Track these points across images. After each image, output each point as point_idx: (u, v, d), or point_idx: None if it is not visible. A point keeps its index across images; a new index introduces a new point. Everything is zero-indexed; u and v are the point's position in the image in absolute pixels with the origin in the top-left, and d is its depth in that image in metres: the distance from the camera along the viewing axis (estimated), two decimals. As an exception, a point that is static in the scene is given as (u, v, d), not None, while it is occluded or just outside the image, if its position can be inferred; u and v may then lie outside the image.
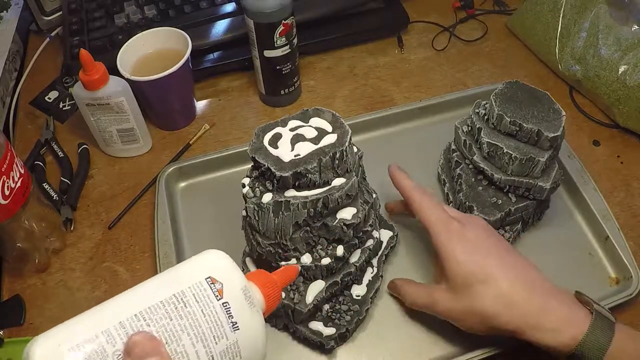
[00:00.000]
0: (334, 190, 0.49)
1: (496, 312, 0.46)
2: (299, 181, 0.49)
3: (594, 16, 0.73)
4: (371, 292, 0.56)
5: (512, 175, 0.58)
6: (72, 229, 0.66)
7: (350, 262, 0.54)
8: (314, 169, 0.48)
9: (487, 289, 0.47)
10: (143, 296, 0.33)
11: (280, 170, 0.48)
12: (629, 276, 0.58)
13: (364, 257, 0.54)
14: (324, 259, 0.51)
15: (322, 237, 0.51)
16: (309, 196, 0.49)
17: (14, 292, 0.61)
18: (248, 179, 0.52)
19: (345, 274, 0.54)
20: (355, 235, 0.52)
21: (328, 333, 0.53)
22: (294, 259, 0.52)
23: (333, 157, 0.49)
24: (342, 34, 0.84)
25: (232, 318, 0.33)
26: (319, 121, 0.52)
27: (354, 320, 0.54)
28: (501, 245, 0.51)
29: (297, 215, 0.49)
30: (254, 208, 0.50)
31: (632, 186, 0.67)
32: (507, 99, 0.59)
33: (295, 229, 0.50)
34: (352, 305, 0.55)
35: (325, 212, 0.50)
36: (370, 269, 0.57)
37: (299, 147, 0.50)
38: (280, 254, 0.52)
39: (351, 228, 0.50)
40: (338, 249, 0.51)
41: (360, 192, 0.52)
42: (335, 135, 0.50)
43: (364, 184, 0.54)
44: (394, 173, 0.57)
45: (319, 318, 0.54)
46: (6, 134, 0.77)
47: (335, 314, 0.55)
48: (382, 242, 0.59)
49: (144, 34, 0.72)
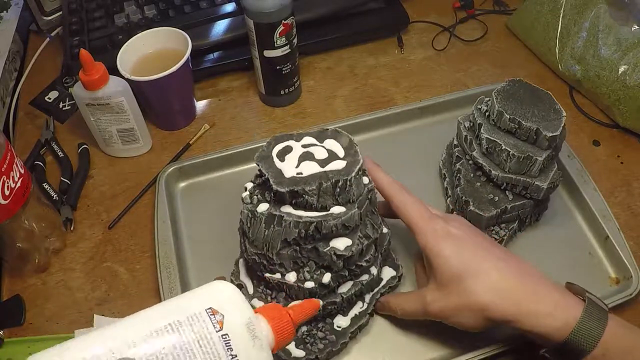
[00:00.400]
0: (329, 218, 0.47)
1: (490, 302, 0.46)
2: (296, 200, 0.48)
3: (594, 16, 0.73)
4: (353, 327, 0.54)
5: (509, 172, 0.58)
6: (72, 229, 0.66)
7: (337, 292, 0.52)
8: (312, 192, 0.47)
9: (479, 282, 0.46)
10: (139, 323, 0.33)
11: (278, 185, 0.48)
12: (629, 276, 0.58)
13: (354, 290, 0.52)
14: (307, 282, 0.50)
15: (311, 259, 0.50)
16: (302, 217, 0.47)
17: (14, 292, 0.61)
18: (251, 184, 0.52)
19: (330, 302, 0.52)
20: (347, 267, 0.50)
21: (296, 355, 0.52)
22: (279, 274, 0.51)
23: (335, 184, 0.47)
24: (342, 34, 0.84)
25: (231, 351, 0.32)
26: (333, 144, 0.51)
27: (327, 349, 0.52)
28: (486, 240, 0.50)
29: (288, 232, 0.48)
30: (247, 214, 0.50)
31: (632, 186, 0.67)
32: (508, 96, 0.59)
33: (284, 245, 0.49)
34: (329, 334, 0.53)
35: (318, 236, 0.48)
36: (360, 304, 0.55)
37: (304, 166, 0.49)
38: (266, 266, 0.51)
39: (342, 259, 0.49)
40: (325, 276, 0.50)
41: (362, 225, 0.50)
42: (344, 162, 0.49)
43: (371, 218, 0.52)
44: (370, 168, 0.54)
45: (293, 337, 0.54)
46: (6, 134, 0.77)
47: (310, 338, 0.53)
48: (382, 280, 0.56)
49: (144, 34, 0.72)
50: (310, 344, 0.52)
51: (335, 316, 0.54)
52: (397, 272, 0.57)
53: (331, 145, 0.51)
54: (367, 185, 0.51)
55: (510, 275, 0.46)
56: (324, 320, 0.54)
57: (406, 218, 0.51)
